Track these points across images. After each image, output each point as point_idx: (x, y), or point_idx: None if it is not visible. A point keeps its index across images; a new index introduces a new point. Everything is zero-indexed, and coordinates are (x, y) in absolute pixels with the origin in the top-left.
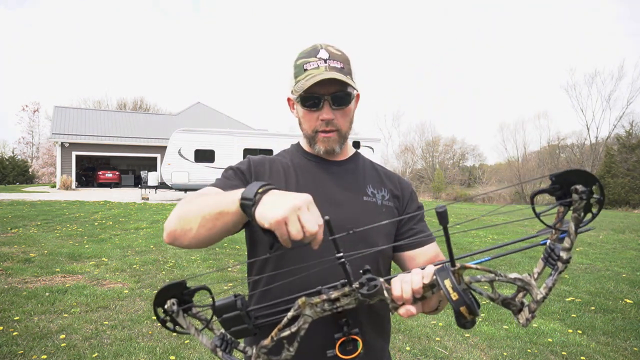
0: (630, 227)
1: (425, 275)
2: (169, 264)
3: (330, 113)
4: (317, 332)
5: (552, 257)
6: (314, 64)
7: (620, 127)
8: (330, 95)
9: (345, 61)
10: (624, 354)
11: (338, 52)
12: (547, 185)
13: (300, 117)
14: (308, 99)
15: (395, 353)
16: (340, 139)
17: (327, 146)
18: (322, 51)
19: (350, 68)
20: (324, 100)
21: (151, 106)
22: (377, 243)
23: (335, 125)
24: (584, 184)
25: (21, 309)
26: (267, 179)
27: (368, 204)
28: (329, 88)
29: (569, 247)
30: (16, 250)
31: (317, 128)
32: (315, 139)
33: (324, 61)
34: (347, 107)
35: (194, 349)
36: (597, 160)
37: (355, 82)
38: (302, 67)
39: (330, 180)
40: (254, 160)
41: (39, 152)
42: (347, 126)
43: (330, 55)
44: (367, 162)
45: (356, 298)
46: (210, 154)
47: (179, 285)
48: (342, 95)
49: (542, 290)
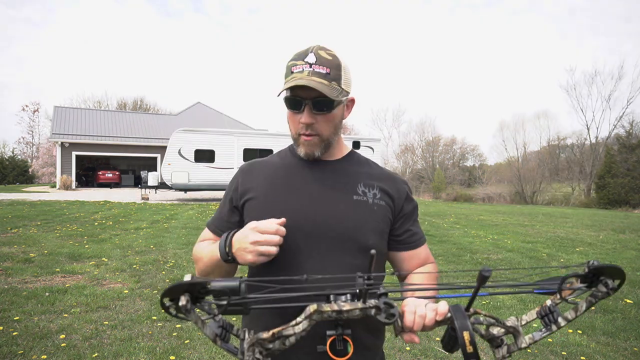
0: (630, 227)
1: (439, 313)
2: (169, 264)
3: (310, 117)
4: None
5: (549, 317)
6: (299, 67)
7: (620, 127)
8: (312, 100)
9: (334, 67)
10: (624, 354)
11: (328, 57)
12: (582, 271)
13: (287, 117)
14: (291, 101)
15: (395, 353)
16: (321, 143)
17: (307, 150)
18: (311, 55)
19: (340, 74)
20: (305, 104)
21: (151, 106)
22: (367, 241)
23: (315, 130)
24: (611, 277)
25: (21, 309)
26: (254, 187)
27: (358, 203)
28: (310, 92)
29: (570, 320)
30: (16, 250)
31: (299, 131)
32: (297, 141)
33: (309, 65)
34: (329, 113)
35: (193, 349)
36: (597, 160)
37: (342, 88)
38: (290, 69)
39: (319, 180)
40: (242, 171)
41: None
42: (330, 131)
43: (317, 60)
44: (362, 161)
45: (365, 313)
46: (210, 154)
47: (200, 285)
48: (323, 101)
49: (526, 340)
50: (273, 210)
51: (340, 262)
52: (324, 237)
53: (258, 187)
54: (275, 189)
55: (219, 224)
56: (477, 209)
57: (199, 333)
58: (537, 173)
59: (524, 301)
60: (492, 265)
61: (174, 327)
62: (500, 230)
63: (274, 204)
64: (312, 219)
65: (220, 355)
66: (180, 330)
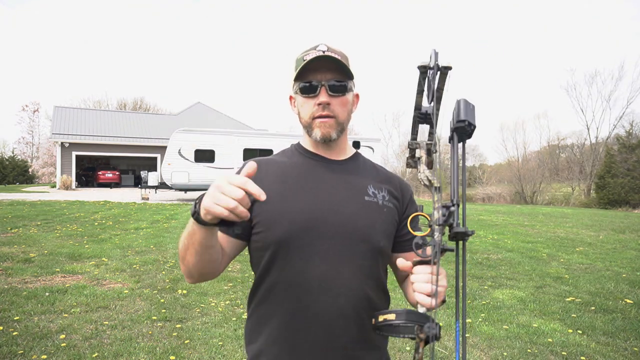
0: (630, 227)
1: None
2: (169, 264)
3: (327, 97)
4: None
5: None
6: (312, 54)
7: (620, 127)
8: (327, 82)
9: (344, 57)
10: (624, 354)
11: (338, 49)
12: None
13: (299, 106)
14: (306, 86)
15: (395, 353)
16: (338, 126)
17: (323, 131)
18: (322, 45)
19: (349, 63)
20: (320, 86)
21: (151, 106)
22: (379, 243)
23: (332, 111)
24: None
25: (21, 309)
26: (260, 184)
27: (370, 204)
28: (326, 74)
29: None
30: (16, 250)
31: (314, 113)
32: (312, 125)
33: (323, 52)
34: (343, 95)
35: (194, 349)
36: (597, 160)
37: (353, 76)
38: (302, 59)
39: (331, 180)
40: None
41: (39, 152)
42: (345, 116)
43: (329, 49)
44: (368, 163)
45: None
46: (210, 154)
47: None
48: (338, 85)
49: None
50: (286, 209)
51: (352, 264)
52: (337, 238)
53: (269, 185)
54: (287, 188)
55: None
56: (477, 209)
57: (199, 333)
58: (537, 173)
59: (523, 301)
60: (492, 265)
61: (174, 327)
62: (500, 230)
63: (287, 204)
64: (325, 220)
65: (220, 355)
66: (180, 330)
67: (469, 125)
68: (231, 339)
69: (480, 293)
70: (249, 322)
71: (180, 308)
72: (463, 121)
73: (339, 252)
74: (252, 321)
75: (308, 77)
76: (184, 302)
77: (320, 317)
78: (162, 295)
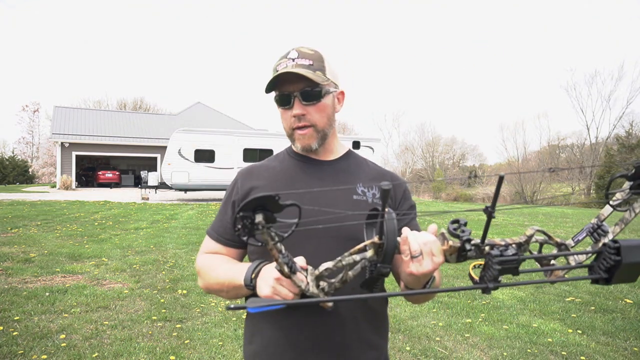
0: (630, 227)
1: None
2: (169, 264)
3: (301, 108)
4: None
5: (598, 233)
6: (283, 64)
7: (620, 127)
8: (299, 91)
9: (317, 59)
10: (624, 354)
11: (310, 52)
12: (628, 171)
13: (280, 117)
14: (280, 98)
15: (395, 353)
16: (317, 134)
17: (303, 143)
18: (293, 52)
19: (323, 65)
20: (293, 97)
21: (151, 106)
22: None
23: (308, 121)
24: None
25: (21, 309)
26: (256, 187)
27: (358, 203)
28: (296, 85)
29: (623, 226)
30: (16, 250)
31: (292, 125)
32: (293, 136)
33: (292, 60)
34: (318, 102)
35: (194, 349)
36: (597, 160)
37: (327, 77)
38: (275, 69)
39: (319, 180)
40: (241, 174)
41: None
42: (324, 122)
43: (299, 55)
44: (360, 160)
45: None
46: (210, 154)
47: (269, 198)
48: (310, 92)
49: (577, 257)
50: None
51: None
52: (325, 237)
53: (260, 188)
54: (276, 190)
55: (223, 232)
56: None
57: (199, 333)
58: (537, 173)
59: (523, 301)
60: None
61: (174, 327)
62: (500, 230)
63: None
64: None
65: (220, 355)
66: (180, 330)
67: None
68: (231, 339)
69: (480, 293)
70: (246, 322)
71: (180, 308)
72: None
73: (328, 251)
74: (249, 322)
75: (281, 88)
76: (184, 302)
77: (313, 317)
78: (162, 295)
